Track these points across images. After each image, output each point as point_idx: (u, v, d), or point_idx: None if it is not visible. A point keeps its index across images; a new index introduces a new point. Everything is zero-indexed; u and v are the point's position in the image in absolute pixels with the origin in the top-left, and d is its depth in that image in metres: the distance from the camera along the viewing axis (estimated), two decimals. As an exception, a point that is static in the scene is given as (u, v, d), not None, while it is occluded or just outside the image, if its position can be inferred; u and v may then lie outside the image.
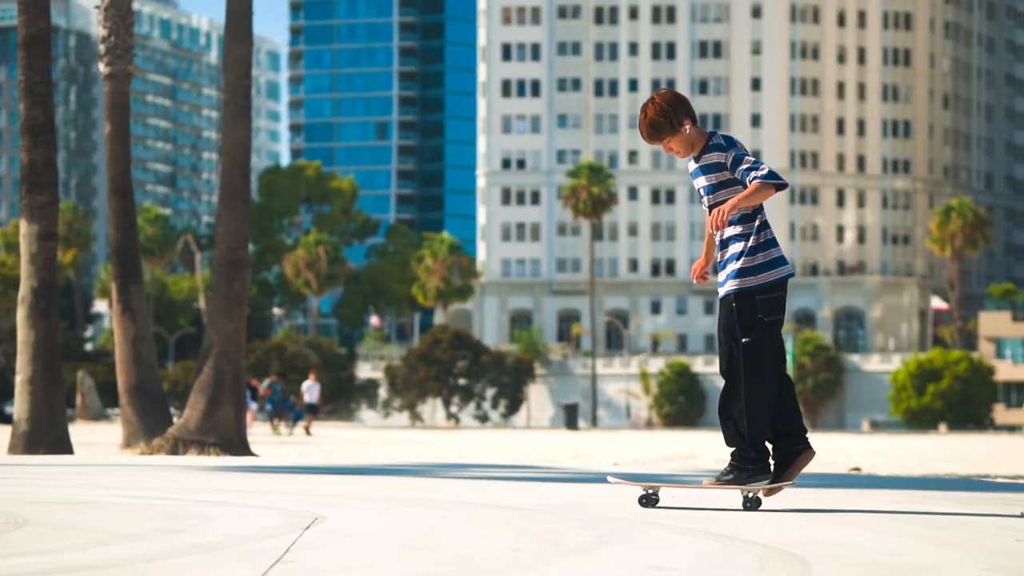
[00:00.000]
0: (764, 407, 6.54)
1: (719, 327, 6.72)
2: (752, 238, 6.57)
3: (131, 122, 21.89)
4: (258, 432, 42.68)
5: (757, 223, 6.59)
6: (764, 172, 6.49)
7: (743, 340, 6.53)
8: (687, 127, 6.59)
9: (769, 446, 6.68)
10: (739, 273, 6.59)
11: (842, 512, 6.86)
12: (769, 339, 6.54)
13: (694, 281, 6.90)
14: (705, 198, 6.67)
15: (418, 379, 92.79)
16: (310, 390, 45.10)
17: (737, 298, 6.58)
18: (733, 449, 6.68)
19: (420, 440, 40.63)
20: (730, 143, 6.60)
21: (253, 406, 44.56)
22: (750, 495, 6.64)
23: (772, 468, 6.65)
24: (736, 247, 6.61)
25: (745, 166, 6.52)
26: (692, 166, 6.71)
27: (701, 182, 6.65)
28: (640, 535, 5.61)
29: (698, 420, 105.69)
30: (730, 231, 6.64)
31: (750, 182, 6.46)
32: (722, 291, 6.66)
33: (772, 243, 6.60)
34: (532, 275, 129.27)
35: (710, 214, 6.59)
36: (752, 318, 6.54)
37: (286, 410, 46.64)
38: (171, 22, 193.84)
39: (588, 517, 6.33)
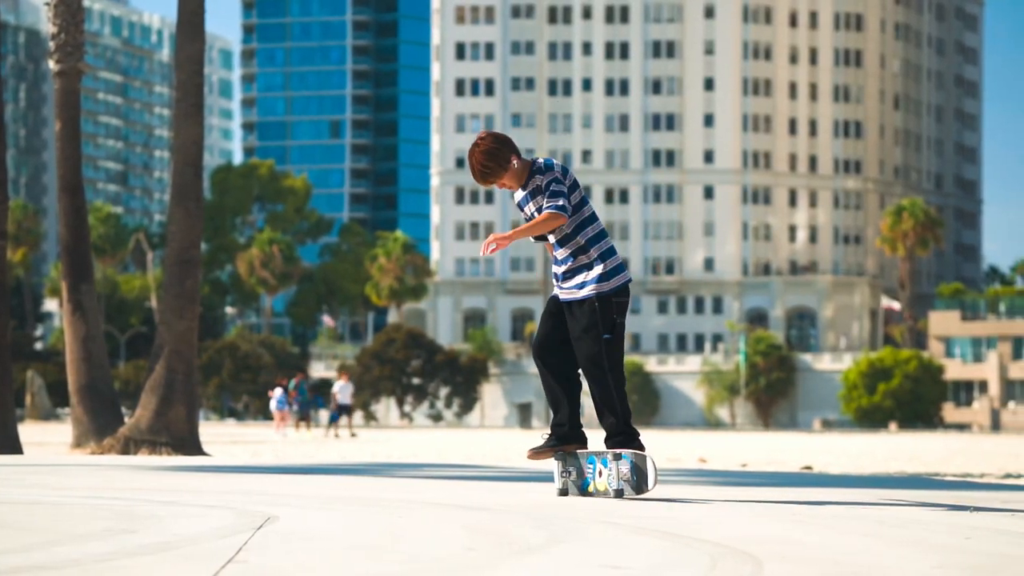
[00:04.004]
0: (623, 391, 7.24)
1: (563, 314, 7.25)
2: (593, 249, 7.16)
3: (82, 120, 21.75)
4: (289, 435, 42.10)
5: (592, 235, 7.16)
6: (553, 206, 7.05)
7: (605, 336, 7.12)
8: (514, 162, 7.15)
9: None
10: (598, 279, 7.15)
11: (794, 510, 6.90)
12: (622, 336, 7.24)
13: (485, 251, 7.30)
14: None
15: (372, 378, 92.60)
16: (343, 390, 43.84)
17: (599, 300, 7.13)
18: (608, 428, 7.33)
19: (373, 439, 40.56)
20: (548, 167, 7.17)
21: (285, 407, 44.05)
22: (616, 487, 7.32)
23: (554, 439, 7.40)
24: (582, 258, 7.18)
25: (546, 195, 7.11)
26: (519, 195, 7.25)
27: (530, 209, 7.21)
28: (593, 534, 5.62)
29: (651, 419, 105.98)
30: (569, 248, 7.17)
31: (540, 212, 7.10)
32: (580, 294, 7.18)
33: (613, 251, 7.19)
34: (486, 274, 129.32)
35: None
36: (610, 318, 7.15)
37: (312, 409, 46.37)
38: (122, 19, 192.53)
39: (541, 516, 6.34)
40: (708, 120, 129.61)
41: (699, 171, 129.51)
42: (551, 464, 7.75)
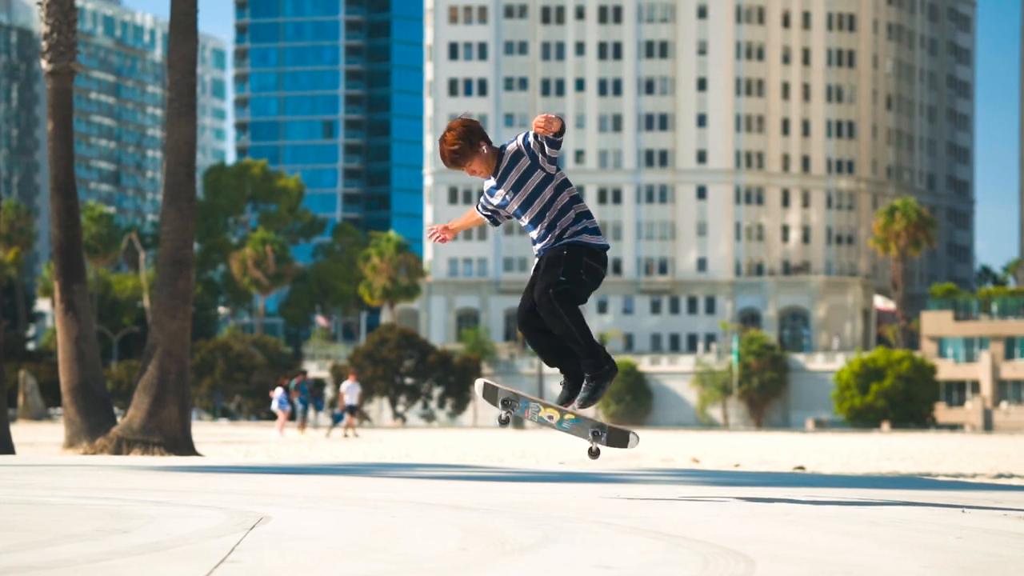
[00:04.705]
0: (584, 325, 7.23)
1: (537, 272, 7.27)
2: (576, 206, 7.21)
3: (74, 120, 21.73)
4: (288, 436, 42.08)
5: (569, 198, 7.21)
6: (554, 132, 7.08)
7: (560, 279, 7.12)
8: (484, 147, 7.19)
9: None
10: (576, 233, 7.17)
11: (786, 510, 6.91)
12: (580, 293, 7.18)
13: (431, 237, 7.51)
14: (513, 199, 7.22)
15: (365, 379, 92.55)
16: (350, 391, 43.35)
17: (569, 248, 7.16)
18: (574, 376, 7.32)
19: (366, 439, 40.54)
20: (514, 140, 7.22)
21: (287, 407, 43.93)
22: (593, 447, 7.46)
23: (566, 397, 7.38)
24: (575, 216, 7.21)
25: (531, 136, 7.13)
26: (490, 183, 7.31)
27: (505, 188, 7.23)
28: (585, 534, 5.63)
29: (645, 419, 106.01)
30: (553, 207, 7.20)
31: (535, 128, 7.06)
32: (556, 243, 7.19)
33: (590, 215, 7.27)
34: (479, 274, 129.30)
35: (525, 220, 7.22)
36: (576, 270, 7.15)
37: (314, 410, 46.29)
38: (115, 19, 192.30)
39: (534, 516, 6.34)
40: (701, 120, 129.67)
41: (692, 171, 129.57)
42: (549, 464, 7.75)
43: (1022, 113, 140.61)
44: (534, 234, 7.25)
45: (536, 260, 7.33)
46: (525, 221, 7.28)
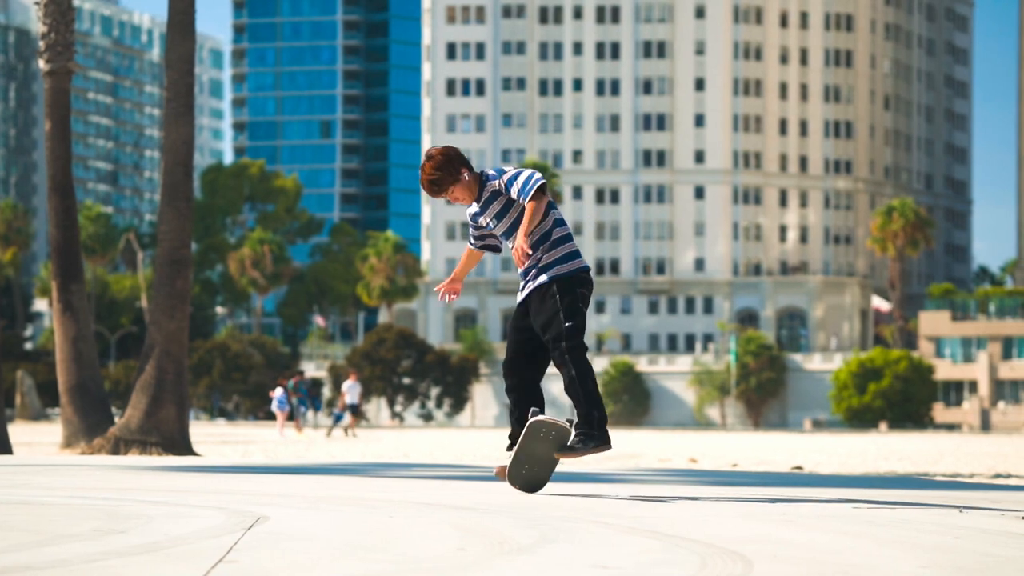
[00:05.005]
0: (590, 386, 7.09)
1: (527, 318, 7.17)
2: (556, 231, 7.13)
3: (72, 119, 21.71)
4: (287, 436, 42.08)
5: (552, 221, 7.15)
6: (532, 185, 6.99)
7: (567, 324, 7.01)
8: (465, 174, 7.18)
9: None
10: (554, 264, 7.09)
11: (784, 510, 6.91)
12: (583, 322, 7.10)
13: (441, 298, 7.46)
14: (497, 226, 7.20)
15: (362, 379, 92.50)
16: (351, 390, 43.16)
17: (558, 284, 7.05)
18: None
19: (364, 439, 40.54)
20: (499, 172, 7.17)
21: (286, 407, 43.92)
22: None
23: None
24: (556, 242, 7.15)
25: (516, 187, 7.05)
26: (473, 210, 7.28)
27: (488, 216, 7.21)
28: (583, 534, 5.63)
29: (642, 419, 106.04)
30: (536, 232, 7.14)
31: (525, 202, 6.99)
32: (535, 283, 7.12)
33: (569, 238, 7.16)
34: (477, 274, 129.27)
35: (512, 246, 7.12)
36: (574, 303, 7.05)
37: (309, 410, 46.28)
38: (112, 19, 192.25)
39: (532, 516, 6.35)
40: (699, 120, 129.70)
41: (690, 171, 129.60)
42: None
43: (1020, 113, 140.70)
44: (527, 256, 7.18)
45: (522, 287, 7.25)
46: (510, 245, 7.26)
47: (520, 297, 7.27)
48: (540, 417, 7.23)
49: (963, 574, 4.68)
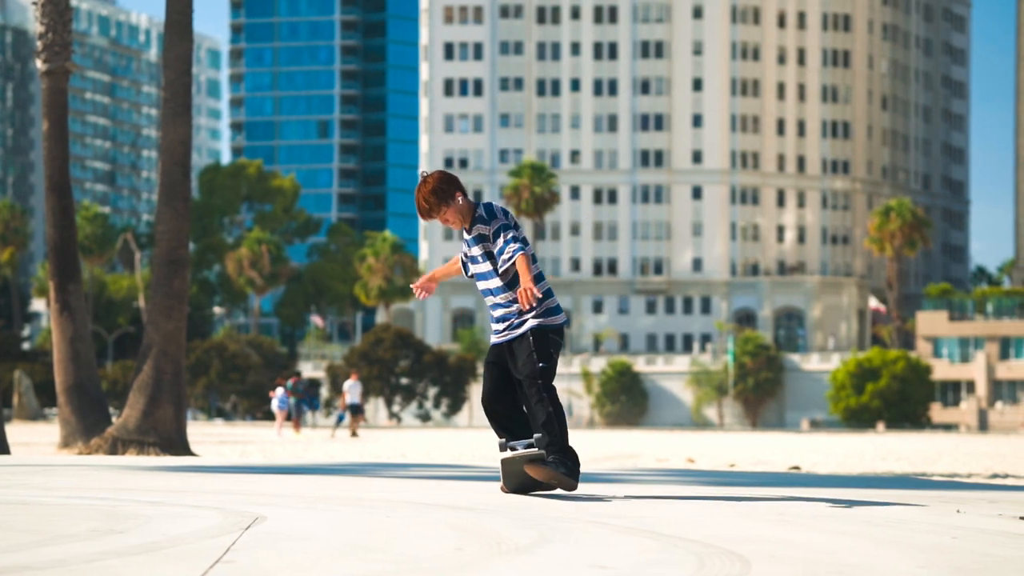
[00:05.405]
0: (562, 419, 7.38)
1: (502, 356, 7.48)
2: (539, 285, 7.36)
3: (69, 119, 21.71)
4: (285, 436, 42.05)
5: (537, 271, 7.43)
6: (517, 247, 7.29)
7: (540, 365, 7.30)
8: (459, 199, 7.37)
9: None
10: (540, 315, 7.37)
11: (781, 510, 6.91)
12: (554, 367, 7.43)
13: (417, 294, 7.81)
14: (486, 263, 7.44)
15: (360, 378, 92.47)
16: (352, 390, 42.85)
17: (534, 333, 7.35)
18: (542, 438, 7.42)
19: (362, 439, 40.53)
20: (491, 215, 7.38)
21: (286, 407, 43.84)
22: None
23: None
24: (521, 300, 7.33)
25: (500, 243, 7.34)
26: (465, 236, 7.52)
27: (476, 251, 7.46)
28: (581, 534, 5.63)
29: (640, 419, 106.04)
30: (513, 293, 7.39)
31: (509, 259, 7.28)
32: (518, 331, 7.39)
33: (551, 293, 7.49)
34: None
35: (508, 286, 7.40)
36: (546, 350, 7.36)
37: (311, 410, 46.32)
38: (110, 19, 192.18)
39: (530, 516, 6.35)
40: (696, 120, 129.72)
41: (687, 171, 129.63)
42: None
43: (1017, 113, 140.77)
44: (500, 299, 7.39)
45: (499, 331, 7.43)
46: (493, 286, 7.42)
47: (494, 340, 7.49)
48: (508, 455, 7.51)
49: (961, 574, 4.68)
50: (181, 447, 19.13)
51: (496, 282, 7.41)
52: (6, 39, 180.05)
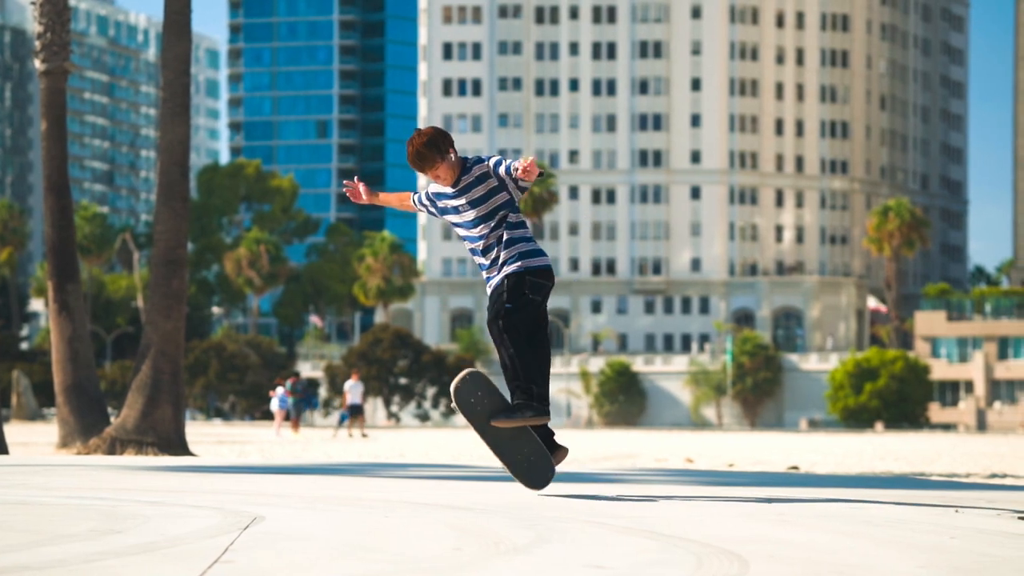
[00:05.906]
0: (534, 359, 7.27)
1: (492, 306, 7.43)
2: (524, 230, 7.36)
3: (68, 119, 21.71)
4: (284, 436, 42.02)
5: (522, 219, 7.44)
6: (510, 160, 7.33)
7: (507, 306, 7.24)
8: (452, 154, 7.39)
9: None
10: (517, 258, 7.31)
11: (780, 510, 6.91)
12: (529, 311, 7.27)
13: (346, 189, 7.70)
14: (473, 211, 7.36)
15: (360, 378, 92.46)
16: (353, 390, 42.55)
17: (509, 277, 7.28)
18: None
19: (360, 439, 40.51)
20: (478, 160, 7.43)
21: (286, 407, 43.78)
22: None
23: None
24: (511, 241, 7.35)
25: (503, 168, 7.33)
26: (443, 190, 7.47)
27: (465, 199, 7.37)
28: (579, 534, 5.63)
29: (638, 419, 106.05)
30: (508, 226, 7.37)
31: (514, 170, 7.25)
32: (499, 276, 7.36)
33: (532, 239, 7.43)
34: (473, 274, 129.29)
35: (489, 216, 7.36)
36: (520, 293, 7.27)
37: (310, 410, 46.38)
38: (108, 19, 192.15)
39: (528, 516, 6.35)
40: (695, 120, 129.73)
41: (686, 171, 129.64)
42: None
43: (1015, 113, 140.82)
44: (479, 245, 7.38)
45: (487, 279, 7.46)
46: (475, 233, 7.39)
47: (489, 290, 7.47)
48: (462, 380, 7.40)
49: (960, 574, 4.69)
50: (180, 447, 19.13)
51: (479, 230, 7.36)
52: (4, 39, 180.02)
